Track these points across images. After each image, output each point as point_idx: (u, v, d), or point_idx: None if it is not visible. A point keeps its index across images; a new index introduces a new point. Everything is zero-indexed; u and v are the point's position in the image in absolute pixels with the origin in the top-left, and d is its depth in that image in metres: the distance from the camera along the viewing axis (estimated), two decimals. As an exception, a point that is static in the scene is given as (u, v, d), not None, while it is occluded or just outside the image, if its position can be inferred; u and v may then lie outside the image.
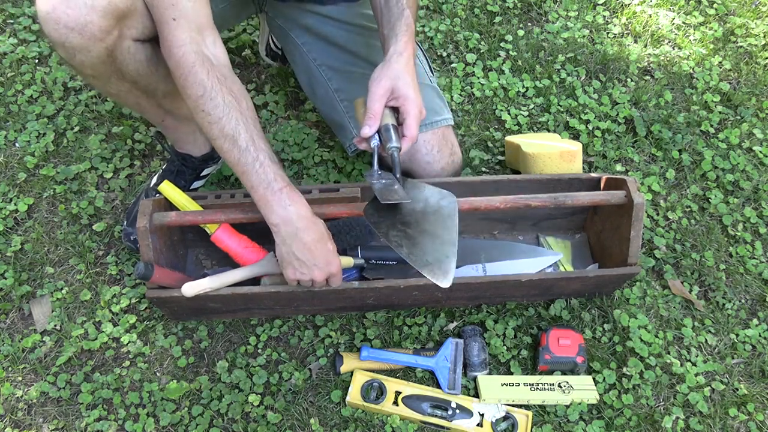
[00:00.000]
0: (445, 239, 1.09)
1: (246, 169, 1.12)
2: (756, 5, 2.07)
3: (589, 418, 1.35)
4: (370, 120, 1.15)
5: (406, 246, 1.07)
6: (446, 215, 1.12)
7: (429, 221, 1.11)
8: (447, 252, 1.08)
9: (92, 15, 1.05)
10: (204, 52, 1.11)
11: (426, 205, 1.13)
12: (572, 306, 1.48)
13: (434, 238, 1.09)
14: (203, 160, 1.52)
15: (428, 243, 1.08)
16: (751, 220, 1.64)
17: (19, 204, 1.57)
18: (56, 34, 1.07)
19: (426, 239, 1.09)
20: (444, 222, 1.11)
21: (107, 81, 1.20)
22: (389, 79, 1.15)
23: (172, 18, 1.09)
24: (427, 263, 1.05)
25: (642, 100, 1.82)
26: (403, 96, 1.16)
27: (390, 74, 1.16)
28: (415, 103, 1.17)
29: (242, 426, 1.33)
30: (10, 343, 1.41)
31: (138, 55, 1.17)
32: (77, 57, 1.11)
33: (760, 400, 1.40)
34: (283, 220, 1.13)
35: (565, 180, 1.44)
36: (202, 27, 1.12)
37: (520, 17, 2.00)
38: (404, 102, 1.16)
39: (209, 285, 1.27)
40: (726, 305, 1.52)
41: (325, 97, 1.51)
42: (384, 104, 1.16)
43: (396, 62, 1.17)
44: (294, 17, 1.49)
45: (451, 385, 1.35)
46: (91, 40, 1.08)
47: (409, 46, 1.20)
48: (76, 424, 1.33)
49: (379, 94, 1.15)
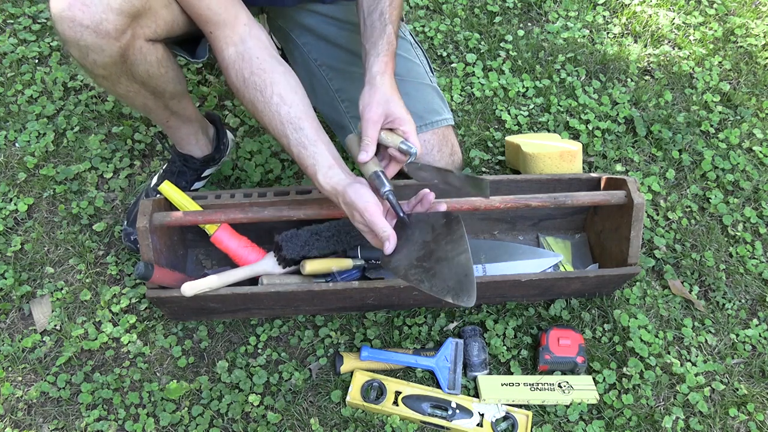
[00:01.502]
0: (460, 261, 1.09)
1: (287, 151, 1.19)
2: (756, 5, 2.07)
3: (589, 418, 1.35)
4: (367, 147, 1.15)
5: (426, 280, 1.07)
6: (455, 234, 1.12)
7: (441, 247, 1.11)
8: (465, 271, 1.07)
9: (108, 13, 1.06)
10: (239, 51, 1.17)
11: (434, 233, 1.14)
12: (572, 306, 1.48)
13: (449, 262, 1.09)
14: (204, 161, 1.53)
15: (445, 270, 1.08)
16: (751, 220, 1.64)
17: (19, 204, 1.57)
18: (71, 33, 1.07)
19: (443, 267, 1.09)
20: (454, 242, 1.11)
21: (117, 81, 1.20)
22: (380, 105, 1.15)
23: (210, 32, 1.17)
24: (449, 289, 1.05)
25: (642, 100, 1.82)
26: (398, 119, 1.16)
27: (380, 99, 1.16)
28: (410, 122, 1.17)
29: (242, 426, 1.33)
30: (10, 343, 1.41)
31: (149, 56, 1.18)
32: (90, 56, 1.11)
33: (760, 400, 1.40)
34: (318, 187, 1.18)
35: (565, 180, 1.44)
36: (235, 23, 1.16)
37: (520, 17, 2.00)
38: (400, 124, 1.17)
39: (209, 285, 1.27)
40: (726, 305, 1.52)
41: (325, 97, 1.51)
42: (378, 130, 1.16)
43: (382, 84, 1.17)
44: (294, 17, 1.49)
45: (451, 385, 1.35)
46: (106, 39, 1.08)
47: (389, 65, 1.20)
48: (76, 424, 1.33)
49: (374, 120, 1.15)
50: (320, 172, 1.14)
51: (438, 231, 1.13)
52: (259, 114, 1.18)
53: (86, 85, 1.77)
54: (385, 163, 1.20)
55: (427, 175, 1.21)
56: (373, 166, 1.15)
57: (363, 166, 1.16)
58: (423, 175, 1.22)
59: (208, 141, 1.52)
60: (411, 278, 1.08)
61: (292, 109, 1.16)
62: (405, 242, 1.12)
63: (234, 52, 1.17)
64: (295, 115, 1.15)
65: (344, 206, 1.12)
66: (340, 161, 1.16)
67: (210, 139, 1.54)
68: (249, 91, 1.17)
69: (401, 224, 1.14)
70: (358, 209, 1.09)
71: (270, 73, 1.17)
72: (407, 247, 1.12)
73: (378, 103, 1.15)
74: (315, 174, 1.14)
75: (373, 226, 1.08)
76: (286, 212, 1.29)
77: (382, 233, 1.08)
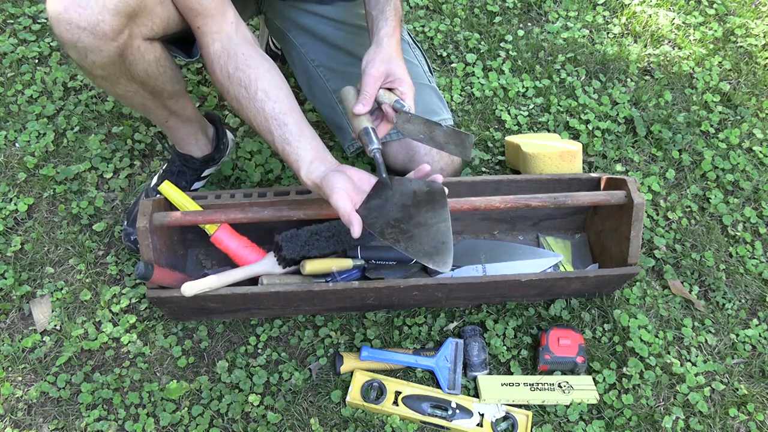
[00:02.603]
0: (439, 227, 1.11)
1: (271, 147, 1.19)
2: (756, 5, 2.07)
3: (589, 418, 1.35)
4: (365, 100, 1.17)
5: (402, 240, 1.09)
6: (437, 204, 1.14)
7: (421, 213, 1.13)
8: (442, 238, 1.09)
9: (104, 14, 1.06)
10: (225, 47, 1.17)
11: (415, 199, 1.16)
12: (572, 306, 1.48)
13: (428, 227, 1.11)
14: (204, 161, 1.53)
15: (423, 234, 1.10)
16: (751, 220, 1.64)
17: (19, 204, 1.57)
18: (68, 35, 1.07)
19: (420, 230, 1.11)
20: (435, 211, 1.13)
21: (116, 82, 1.20)
22: (383, 63, 1.18)
23: (197, 27, 1.18)
24: (425, 253, 1.07)
25: (642, 100, 1.82)
26: (399, 79, 1.19)
27: (384, 57, 1.19)
28: (410, 84, 1.20)
29: (242, 426, 1.33)
30: (10, 343, 1.41)
31: (147, 55, 1.18)
32: (89, 57, 1.11)
33: (760, 400, 1.40)
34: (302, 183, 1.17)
35: (565, 180, 1.44)
36: (222, 18, 1.17)
37: (520, 17, 2.00)
38: (400, 84, 1.20)
39: (209, 285, 1.27)
40: (726, 305, 1.52)
41: (323, 98, 1.51)
42: (378, 87, 1.19)
43: (388, 45, 1.20)
44: (292, 18, 1.49)
45: (451, 385, 1.35)
46: (103, 40, 1.09)
47: (397, 30, 1.23)
48: (76, 424, 1.33)
49: (375, 76, 1.17)
50: (303, 167, 1.14)
51: (420, 198, 1.15)
52: (244, 110, 1.18)
53: (86, 85, 1.77)
54: (377, 123, 1.22)
55: (414, 128, 1.22)
56: (365, 122, 1.18)
57: (356, 119, 1.18)
58: (410, 127, 1.22)
59: (207, 141, 1.52)
60: (386, 236, 1.09)
61: (276, 105, 1.16)
62: (384, 202, 1.14)
63: (220, 47, 1.18)
64: (279, 111, 1.16)
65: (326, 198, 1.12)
66: (323, 154, 1.17)
67: (210, 139, 1.54)
68: (234, 86, 1.17)
69: (382, 186, 1.16)
70: (327, 195, 1.10)
71: (255, 69, 1.17)
72: (386, 207, 1.14)
73: (381, 60, 1.18)
74: (298, 170, 1.15)
75: (338, 210, 1.08)
76: (286, 212, 1.29)
77: (345, 217, 1.08)
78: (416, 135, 1.23)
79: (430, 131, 1.22)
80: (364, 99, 1.18)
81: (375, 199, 1.15)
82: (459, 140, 1.20)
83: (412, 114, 1.20)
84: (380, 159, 1.16)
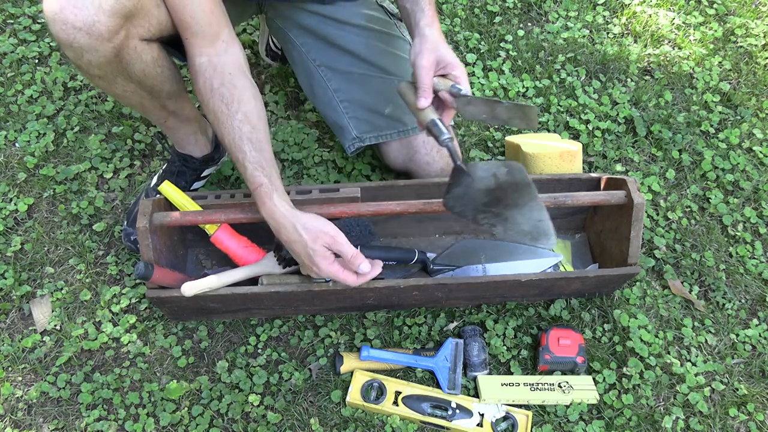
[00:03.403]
0: (531, 206, 1.14)
1: (238, 166, 1.19)
2: (756, 5, 2.07)
3: (589, 418, 1.35)
4: (425, 92, 1.19)
5: (499, 224, 1.14)
6: (521, 184, 1.16)
7: (507, 195, 1.15)
8: (539, 216, 1.13)
9: (100, 15, 1.06)
10: (213, 61, 1.17)
11: (497, 181, 1.17)
12: (572, 306, 1.48)
13: (520, 208, 1.14)
14: (204, 161, 1.53)
15: (517, 215, 1.14)
16: (751, 220, 1.64)
17: (19, 204, 1.57)
18: (64, 35, 1.07)
19: (514, 212, 1.14)
20: (522, 191, 1.15)
21: (113, 81, 1.20)
22: (432, 52, 1.20)
23: (186, 38, 1.17)
24: (525, 233, 1.12)
25: (642, 100, 1.82)
26: (450, 64, 1.21)
27: (430, 47, 1.21)
28: (461, 66, 1.22)
29: (242, 426, 1.33)
30: (10, 343, 1.41)
31: (144, 56, 1.18)
32: (85, 57, 1.11)
33: (760, 400, 1.40)
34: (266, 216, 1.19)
35: (565, 180, 1.44)
36: (214, 38, 1.17)
37: (520, 17, 2.00)
38: (452, 69, 1.21)
39: (208, 285, 1.27)
40: (726, 305, 1.52)
41: (324, 98, 1.51)
42: (432, 76, 1.20)
43: (431, 34, 1.22)
44: (293, 18, 1.49)
45: (451, 385, 1.35)
46: (99, 40, 1.09)
47: (435, 19, 1.26)
48: (76, 424, 1.33)
49: (427, 67, 1.19)
50: (276, 193, 1.16)
51: (501, 179, 1.16)
52: (219, 125, 1.18)
53: (86, 85, 1.77)
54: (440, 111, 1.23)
55: (475, 110, 1.23)
56: (430, 114, 1.19)
57: (420, 114, 1.20)
58: (471, 109, 1.23)
59: (207, 141, 1.52)
60: (481, 222, 1.14)
61: (254, 132, 1.17)
62: (466, 189, 1.17)
63: (206, 61, 1.17)
64: (256, 138, 1.17)
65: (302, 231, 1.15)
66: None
67: (209, 139, 1.54)
68: (215, 100, 1.17)
69: (459, 172, 1.17)
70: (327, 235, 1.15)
71: (240, 91, 1.18)
72: (470, 193, 1.17)
73: (429, 50, 1.20)
74: (270, 192, 1.16)
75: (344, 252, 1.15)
76: (286, 212, 1.29)
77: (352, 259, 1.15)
78: (479, 116, 1.24)
79: (492, 110, 1.22)
80: (424, 92, 1.19)
81: (456, 188, 1.17)
82: (522, 113, 1.20)
83: (471, 96, 1.21)
84: (453, 147, 1.17)
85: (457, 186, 1.17)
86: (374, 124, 1.49)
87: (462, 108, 1.22)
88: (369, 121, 1.49)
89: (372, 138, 1.49)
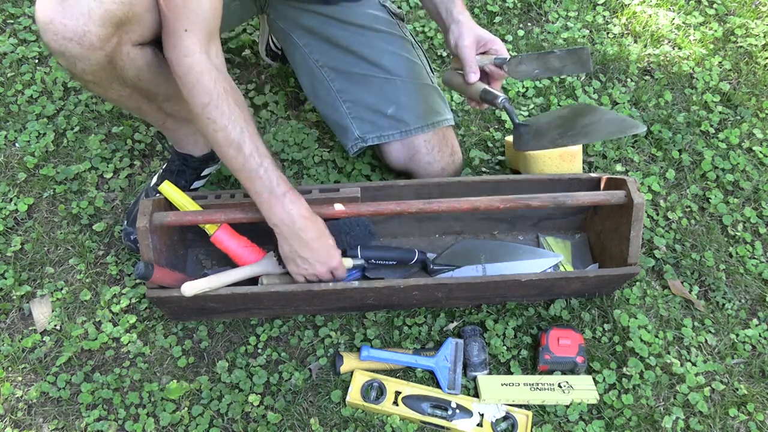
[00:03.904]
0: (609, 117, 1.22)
1: (250, 175, 1.19)
2: (756, 5, 2.07)
3: (589, 418, 1.35)
4: (473, 68, 1.30)
5: (581, 138, 1.22)
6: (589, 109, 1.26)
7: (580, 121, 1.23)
8: (620, 118, 1.21)
9: (90, 25, 1.05)
10: (212, 61, 1.15)
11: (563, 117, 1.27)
12: (572, 306, 1.48)
13: (598, 122, 1.21)
14: (204, 160, 1.52)
15: (599, 126, 1.20)
16: (751, 220, 1.64)
17: (19, 204, 1.57)
18: (55, 45, 1.07)
19: (593, 127, 1.21)
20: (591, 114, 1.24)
21: (108, 87, 1.20)
22: (471, 32, 1.30)
23: (184, 29, 1.12)
24: (613, 132, 1.19)
25: (642, 100, 1.82)
26: (489, 40, 1.31)
27: (468, 29, 1.31)
28: (497, 40, 1.32)
29: (242, 426, 1.33)
30: (10, 343, 1.41)
31: (138, 61, 1.17)
32: (78, 66, 1.11)
33: (760, 400, 1.40)
34: (285, 221, 1.22)
35: (565, 180, 1.44)
36: (210, 36, 1.15)
37: (520, 17, 2.00)
38: (492, 44, 1.32)
39: (209, 285, 1.27)
40: (726, 305, 1.52)
41: (327, 98, 1.51)
42: (475, 53, 1.30)
43: (465, 19, 1.32)
44: (295, 19, 1.48)
45: (451, 385, 1.35)
46: (90, 49, 1.08)
47: (464, 7, 1.35)
48: (76, 424, 1.33)
49: (470, 46, 1.30)
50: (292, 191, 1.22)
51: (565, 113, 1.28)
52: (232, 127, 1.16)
53: (86, 85, 1.77)
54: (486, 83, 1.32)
55: (528, 67, 1.30)
56: (480, 85, 1.30)
57: (471, 88, 1.31)
58: (523, 68, 1.30)
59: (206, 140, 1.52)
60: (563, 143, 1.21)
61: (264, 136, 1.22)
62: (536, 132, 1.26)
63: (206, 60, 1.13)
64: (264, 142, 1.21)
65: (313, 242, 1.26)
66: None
67: (209, 139, 1.53)
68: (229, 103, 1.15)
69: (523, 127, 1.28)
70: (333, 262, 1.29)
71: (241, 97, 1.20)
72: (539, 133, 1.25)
73: (468, 31, 1.31)
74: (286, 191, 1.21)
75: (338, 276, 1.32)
76: (286, 212, 1.29)
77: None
78: (531, 72, 1.31)
79: (545, 63, 1.29)
80: (472, 68, 1.30)
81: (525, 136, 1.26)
82: (576, 57, 1.26)
83: (522, 55, 1.29)
84: (510, 107, 1.27)
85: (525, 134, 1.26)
86: (377, 124, 1.49)
87: (513, 69, 1.29)
88: (372, 122, 1.49)
89: (374, 138, 1.49)
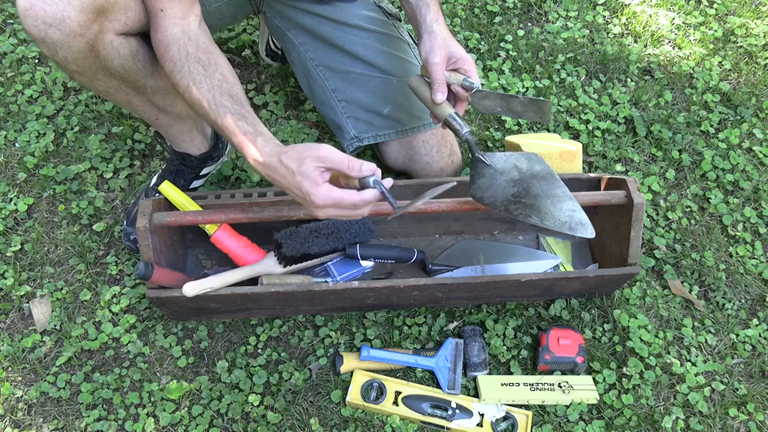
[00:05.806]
0: (562, 195, 1.18)
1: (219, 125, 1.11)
2: (756, 5, 2.07)
3: (589, 418, 1.35)
4: (440, 87, 1.24)
5: (534, 215, 1.16)
6: (547, 175, 1.21)
7: (535, 186, 1.20)
8: (572, 206, 1.17)
9: (69, 10, 1.06)
10: (186, 31, 1.14)
11: (521, 173, 1.22)
12: (572, 306, 1.48)
13: (552, 198, 1.18)
14: (202, 159, 1.52)
15: (550, 205, 1.17)
16: (751, 220, 1.64)
17: (19, 204, 1.57)
18: (35, 31, 1.08)
19: (546, 202, 1.17)
20: (548, 181, 1.20)
21: (94, 77, 1.20)
22: (442, 48, 1.24)
23: (160, 9, 1.14)
24: (563, 223, 1.15)
25: (642, 100, 1.82)
26: (460, 59, 1.25)
27: (440, 43, 1.24)
28: (470, 61, 1.26)
29: (242, 426, 1.33)
30: (10, 343, 1.41)
31: (122, 50, 1.17)
32: (59, 53, 1.11)
33: (760, 400, 1.40)
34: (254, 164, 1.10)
35: (565, 180, 1.43)
36: (186, 12, 1.15)
37: (520, 17, 2.00)
38: (463, 63, 1.25)
39: (209, 285, 1.27)
40: (726, 305, 1.52)
41: (322, 97, 1.51)
42: (445, 71, 1.24)
43: (439, 30, 1.25)
44: (291, 17, 1.49)
45: (451, 385, 1.35)
46: (70, 36, 1.08)
47: (440, 13, 1.29)
48: (76, 424, 1.33)
49: (440, 63, 1.23)
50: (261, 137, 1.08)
51: (523, 168, 1.21)
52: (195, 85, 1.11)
53: (86, 85, 1.77)
54: (453, 104, 1.27)
55: (491, 103, 1.27)
56: (447, 108, 1.25)
57: (437, 108, 1.25)
58: (486, 103, 1.27)
59: (204, 139, 1.52)
60: (514, 212, 1.17)
61: (234, 88, 1.13)
62: (491, 180, 1.21)
63: (180, 31, 1.14)
64: (236, 94, 1.12)
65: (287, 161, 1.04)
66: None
67: (207, 137, 1.53)
68: (190, 63, 1.12)
69: (480, 164, 1.23)
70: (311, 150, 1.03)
71: (215, 56, 1.15)
72: (496, 183, 1.21)
73: (440, 46, 1.24)
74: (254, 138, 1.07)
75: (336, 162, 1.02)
76: (286, 212, 1.29)
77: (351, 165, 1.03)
78: (494, 109, 1.28)
79: (508, 104, 1.27)
80: (440, 87, 1.23)
81: (480, 178, 1.21)
82: (537, 107, 1.25)
83: (487, 90, 1.26)
84: (472, 140, 1.23)
85: (481, 177, 1.21)
86: (372, 124, 1.49)
87: (477, 102, 1.26)
88: (367, 121, 1.49)
89: (370, 138, 1.49)
